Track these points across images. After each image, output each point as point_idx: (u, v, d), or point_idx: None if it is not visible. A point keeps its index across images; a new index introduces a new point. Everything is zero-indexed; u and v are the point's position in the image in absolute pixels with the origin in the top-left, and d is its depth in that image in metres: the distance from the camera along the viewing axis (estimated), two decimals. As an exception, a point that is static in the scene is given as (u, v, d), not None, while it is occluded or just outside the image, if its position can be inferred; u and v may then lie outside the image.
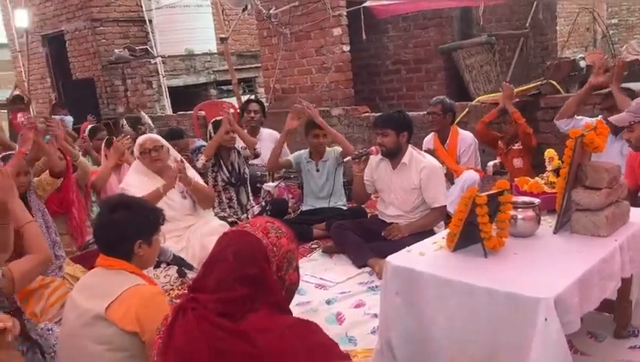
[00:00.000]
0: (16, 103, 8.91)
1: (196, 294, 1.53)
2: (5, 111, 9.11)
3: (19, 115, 8.52)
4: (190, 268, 2.50)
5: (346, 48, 6.31)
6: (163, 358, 1.47)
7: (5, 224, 2.39)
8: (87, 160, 5.15)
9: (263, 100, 6.69)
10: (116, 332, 1.89)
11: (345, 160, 3.91)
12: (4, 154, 3.96)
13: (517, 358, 1.69)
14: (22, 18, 10.66)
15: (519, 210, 2.14)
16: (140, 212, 2.08)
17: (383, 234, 3.61)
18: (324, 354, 1.40)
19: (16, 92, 9.32)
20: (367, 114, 5.98)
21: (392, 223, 3.71)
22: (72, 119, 8.21)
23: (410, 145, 3.65)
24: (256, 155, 4.86)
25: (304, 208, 4.61)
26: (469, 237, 1.97)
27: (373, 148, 3.65)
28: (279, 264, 1.55)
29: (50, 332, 2.51)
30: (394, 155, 3.62)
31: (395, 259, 2.03)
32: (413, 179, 3.59)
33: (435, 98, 4.45)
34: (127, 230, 2.03)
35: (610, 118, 2.91)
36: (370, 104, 6.51)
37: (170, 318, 1.55)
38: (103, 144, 4.81)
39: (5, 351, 1.49)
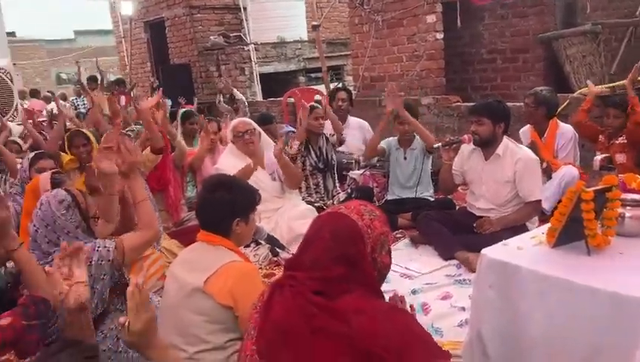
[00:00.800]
0: (118, 85, 9.49)
1: (293, 272, 1.57)
2: (108, 93, 9.71)
3: (121, 96, 9.07)
4: (282, 247, 2.56)
5: (440, 36, 6.17)
6: (260, 332, 1.52)
7: (113, 195, 2.54)
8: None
9: (351, 88, 6.70)
10: (213, 306, 1.98)
11: (435, 146, 3.83)
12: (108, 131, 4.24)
13: (619, 361, 1.60)
14: (127, 6, 11.30)
15: (628, 207, 2.01)
16: (239, 192, 2.17)
17: (474, 227, 3.50)
18: (417, 342, 1.39)
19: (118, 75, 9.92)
20: (458, 103, 5.83)
21: (481, 216, 3.60)
22: (170, 102, 8.58)
23: (505, 136, 3.52)
24: (341, 142, 4.88)
25: (389, 197, 4.58)
26: (571, 233, 1.88)
27: (465, 136, 3.55)
28: (373, 246, 1.55)
29: (151, 301, 2.68)
30: (487, 145, 3.50)
31: (490, 252, 1.97)
32: (506, 171, 3.46)
33: (533, 90, 4.26)
34: (227, 209, 2.12)
35: None
36: (462, 94, 6.34)
37: (267, 294, 1.60)
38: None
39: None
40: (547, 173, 4.00)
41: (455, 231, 3.63)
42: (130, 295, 1.51)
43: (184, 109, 6.59)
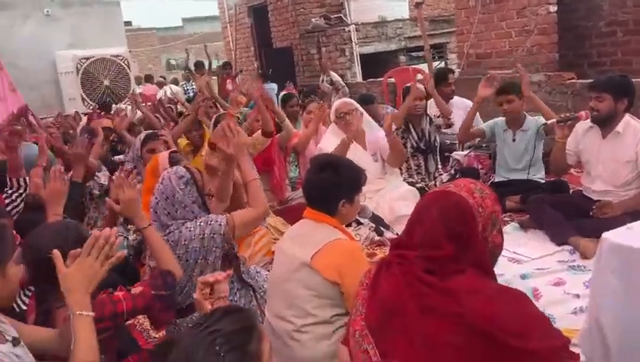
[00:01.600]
0: (225, 69, 9.87)
1: (401, 251, 1.56)
2: (216, 77, 10.15)
3: (227, 80, 9.45)
4: (387, 227, 2.56)
5: (553, 9, 5.80)
6: (369, 309, 1.53)
7: (228, 178, 2.68)
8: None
9: (454, 67, 6.49)
10: (320, 281, 2.03)
11: (549, 122, 3.63)
12: (218, 114, 4.43)
13: None
14: (232, -8, 11.69)
15: None
16: (346, 173, 2.18)
17: (592, 211, 3.27)
18: (536, 325, 1.34)
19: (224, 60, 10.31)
20: (572, 81, 5.47)
21: (598, 200, 3.37)
22: (276, 86, 8.81)
23: (627, 113, 3.26)
24: (449, 125, 4.76)
25: (496, 179, 4.41)
26: None
27: (582, 112, 3.33)
28: (484, 225, 1.50)
29: (259, 274, 2.80)
30: (606, 123, 3.26)
31: (613, 236, 1.84)
32: (628, 150, 3.20)
33: None
34: (333, 190, 2.15)
35: None
36: (577, 70, 5.93)
37: (374, 271, 1.61)
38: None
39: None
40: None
41: (568, 215, 3.42)
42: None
43: (284, 93, 6.75)
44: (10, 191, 2.95)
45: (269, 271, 3.05)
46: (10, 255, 1.54)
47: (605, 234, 1.86)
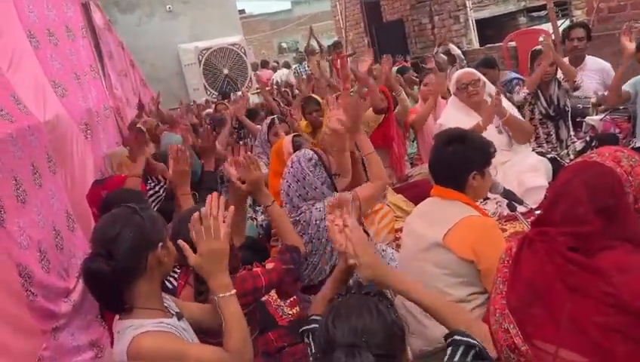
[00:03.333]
0: (337, 48, 9.90)
1: (543, 228, 1.48)
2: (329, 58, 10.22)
3: (338, 60, 9.48)
4: (520, 202, 2.44)
5: None
6: (511, 287, 1.48)
7: (343, 151, 2.69)
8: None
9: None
10: (453, 259, 1.99)
11: None
12: (337, 93, 4.46)
13: None
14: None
15: None
16: (474, 144, 2.11)
17: None
18: None
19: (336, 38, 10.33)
20: None
21: None
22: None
23: None
24: (576, 88, 4.40)
25: (637, 145, 4.03)
26: None
27: None
28: (636, 195, 1.38)
29: (385, 253, 2.81)
30: None
31: None
32: None
33: None
34: (462, 162, 2.08)
35: None
36: None
37: (515, 249, 1.54)
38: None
39: None
40: None
41: None
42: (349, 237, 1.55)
43: (399, 66, 6.63)
44: (152, 184, 3.20)
45: (393, 249, 3.07)
46: (165, 233, 1.63)
47: None
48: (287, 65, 13.81)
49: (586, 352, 1.32)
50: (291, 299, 2.94)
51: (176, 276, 2.40)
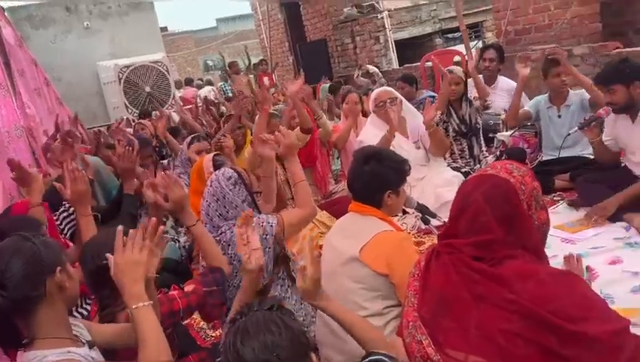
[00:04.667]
0: (262, 65, 9.96)
1: (449, 240, 1.56)
2: (252, 75, 10.25)
3: (264, 77, 9.54)
4: (433, 215, 2.54)
5: (592, -23, 5.59)
6: (421, 300, 1.54)
7: (270, 178, 2.72)
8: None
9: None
10: (369, 274, 2.04)
11: (571, 132, 3.56)
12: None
13: None
14: (263, -12, 11.75)
15: None
16: (390, 164, 2.19)
17: None
18: (593, 308, 1.31)
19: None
20: (618, 50, 5.25)
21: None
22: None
23: None
24: (486, 108, 4.66)
25: (543, 158, 4.31)
26: None
27: (601, 110, 3.31)
28: (528, 203, 1.48)
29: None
30: (630, 109, 3.19)
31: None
32: None
33: None
34: (378, 181, 2.16)
35: None
36: (622, 39, 5.70)
37: (423, 262, 1.61)
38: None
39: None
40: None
41: (620, 191, 3.32)
42: (309, 249, 1.78)
43: (327, 84, 6.76)
44: (67, 206, 3.06)
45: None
46: (63, 257, 1.56)
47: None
48: (210, 83, 13.70)
49: (493, 358, 1.37)
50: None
51: (88, 307, 2.31)
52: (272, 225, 2.38)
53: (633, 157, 3.35)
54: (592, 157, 4.04)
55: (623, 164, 3.76)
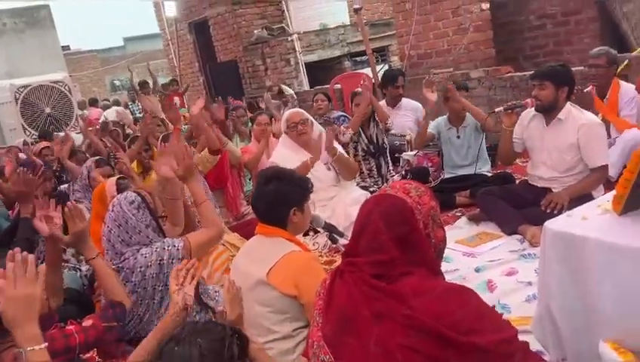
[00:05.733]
0: (172, 86, 9.75)
1: (351, 258, 1.59)
2: (162, 96, 10.00)
3: (175, 97, 9.33)
4: (340, 234, 2.58)
5: (485, 6, 6.01)
6: (325, 319, 1.55)
7: (177, 201, 2.66)
8: (236, 137, 5.52)
9: (398, 68, 6.61)
10: (277, 296, 2.03)
11: (496, 110, 3.73)
12: (164, 133, 4.38)
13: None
14: (170, 8, 11.55)
15: (699, 168, 1.90)
16: (291, 181, 2.20)
17: (542, 205, 3.30)
18: (483, 318, 1.38)
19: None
20: (510, 74, 5.66)
21: (543, 188, 3.49)
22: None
23: (569, 102, 3.40)
24: (388, 129, 4.84)
25: (445, 176, 4.53)
26: (639, 199, 1.80)
27: (528, 100, 3.47)
28: (425, 221, 1.54)
29: (218, 294, 2.77)
30: (549, 110, 3.37)
31: (554, 224, 1.92)
32: (569, 137, 3.32)
33: (597, 49, 4.07)
34: (282, 199, 2.16)
35: None
36: (514, 64, 6.15)
37: (328, 281, 1.63)
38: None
39: None
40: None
41: (516, 205, 3.54)
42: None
43: (232, 106, 6.72)
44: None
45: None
46: None
47: (547, 223, 1.93)
48: (117, 103, 13.23)
49: None
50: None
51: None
52: (177, 249, 2.32)
53: (538, 158, 3.52)
54: (489, 174, 4.31)
55: (520, 179, 4.02)
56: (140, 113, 10.43)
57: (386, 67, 9.16)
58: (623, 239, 1.72)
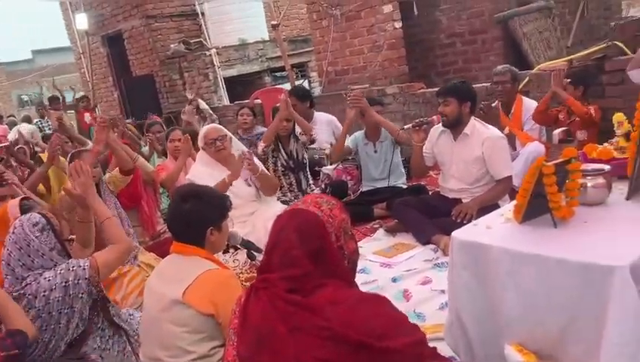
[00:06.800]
0: (82, 102, 9.37)
1: (265, 275, 1.58)
2: (72, 111, 9.59)
3: (85, 114, 8.97)
4: (259, 251, 2.57)
5: (398, 25, 6.24)
6: (240, 337, 1.53)
7: (88, 222, 2.55)
8: (154, 155, 5.36)
9: (316, 84, 6.72)
10: (193, 315, 1.98)
11: (405, 127, 3.87)
12: (76, 150, 4.19)
13: (594, 330, 1.64)
14: (82, 21, 11.11)
15: (589, 177, 2.06)
16: (209, 200, 2.16)
17: (452, 215, 3.47)
18: (395, 324, 1.42)
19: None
20: (422, 90, 5.90)
21: (454, 199, 3.66)
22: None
23: (473, 116, 3.59)
24: (312, 141, 4.89)
25: (364, 189, 4.62)
26: (537, 207, 1.93)
27: (434, 116, 3.65)
28: (337, 234, 1.56)
29: (132, 317, 2.67)
30: (455, 126, 3.56)
31: (461, 234, 2.01)
32: (475, 150, 3.52)
33: (501, 66, 4.34)
34: (199, 218, 2.11)
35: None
36: (426, 80, 6.41)
37: (243, 298, 1.61)
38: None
39: None
40: (512, 143, 4.08)
41: (430, 215, 3.68)
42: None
43: (148, 121, 6.53)
44: None
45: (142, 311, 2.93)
46: None
47: (454, 233, 2.02)
48: (27, 120, 12.50)
49: None
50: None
51: None
52: (84, 268, 2.22)
53: (447, 171, 3.70)
54: (405, 186, 4.45)
55: (434, 191, 4.18)
56: (49, 130, 9.91)
57: (305, 83, 9.29)
58: (524, 246, 1.83)
